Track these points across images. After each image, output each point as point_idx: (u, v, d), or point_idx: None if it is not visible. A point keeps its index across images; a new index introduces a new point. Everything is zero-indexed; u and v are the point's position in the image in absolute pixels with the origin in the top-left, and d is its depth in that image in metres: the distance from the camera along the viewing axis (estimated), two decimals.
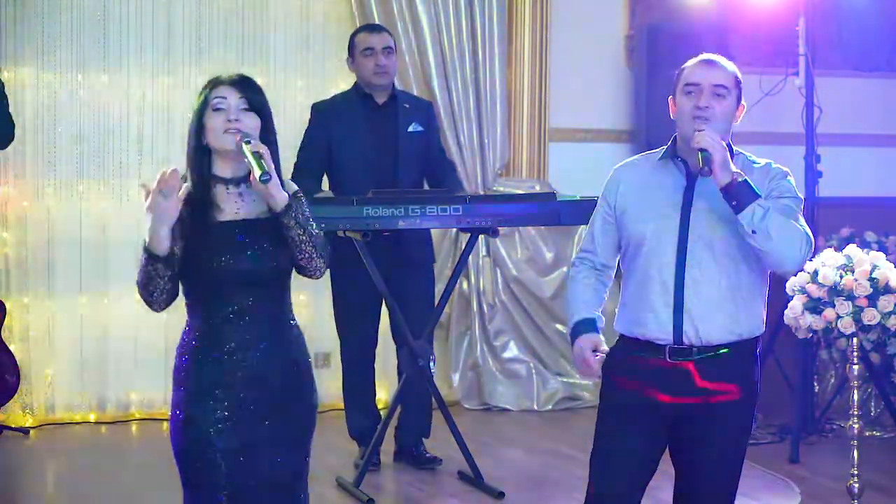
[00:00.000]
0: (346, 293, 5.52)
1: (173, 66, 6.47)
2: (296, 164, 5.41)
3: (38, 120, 6.29)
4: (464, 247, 5.44)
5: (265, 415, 3.14)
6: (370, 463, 5.30)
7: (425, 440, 5.66)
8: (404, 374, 5.33)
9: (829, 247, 5.03)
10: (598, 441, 3.47)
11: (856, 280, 4.47)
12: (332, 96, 5.81)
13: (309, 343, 3.30)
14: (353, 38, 5.60)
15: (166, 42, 6.46)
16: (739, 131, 3.56)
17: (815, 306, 4.54)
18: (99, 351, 6.45)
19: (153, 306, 3.12)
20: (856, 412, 4.62)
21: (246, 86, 3.17)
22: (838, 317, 4.47)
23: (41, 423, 6.31)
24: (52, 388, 6.38)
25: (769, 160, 3.45)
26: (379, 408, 5.77)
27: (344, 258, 4.90)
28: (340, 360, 5.73)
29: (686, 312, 3.32)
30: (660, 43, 6.80)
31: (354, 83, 5.60)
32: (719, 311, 3.33)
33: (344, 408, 5.68)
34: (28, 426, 6.23)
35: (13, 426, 6.17)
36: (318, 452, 3.36)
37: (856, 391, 4.62)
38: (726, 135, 3.37)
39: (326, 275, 5.54)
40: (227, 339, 3.13)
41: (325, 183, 5.56)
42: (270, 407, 3.15)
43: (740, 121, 3.45)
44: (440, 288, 5.62)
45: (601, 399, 3.50)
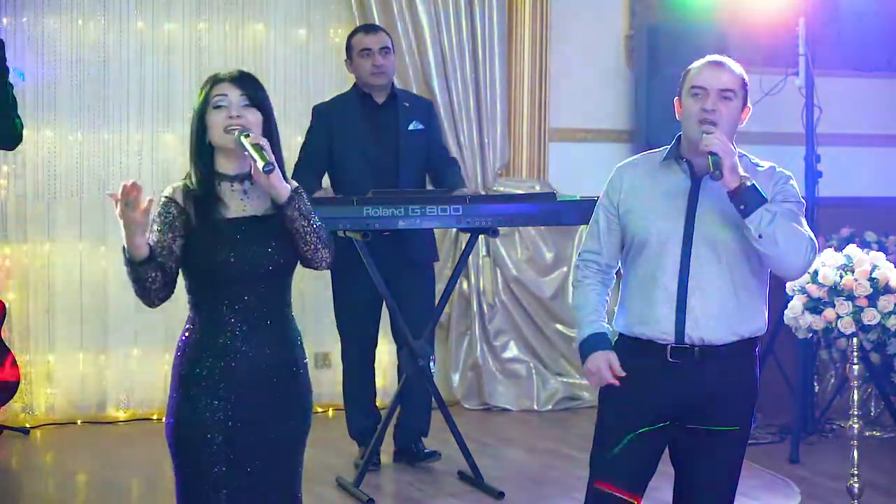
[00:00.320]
0: (347, 293, 5.53)
1: (173, 66, 6.47)
2: (297, 164, 5.42)
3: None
4: (464, 247, 5.44)
5: (262, 412, 3.14)
6: (370, 463, 5.30)
7: (424, 439, 5.66)
8: (404, 374, 5.33)
9: (829, 247, 5.04)
10: (597, 441, 3.47)
11: (856, 280, 4.47)
12: (332, 98, 5.81)
13: (309, 343, 3.30)
14: (350, 39, 5.61)
15: (166, 42, 6.46)
16: (739, 131, 3.55)
17: (815, 306, 4.54)
18: (99, 351, 6.45)
19: (148, 304, 3.13)
20: (856, 412, 4.62)
21: (246, 82, 3.16)
22: (838, 317, 4.48)
23: (41, 423, 6.31)
24: (53, 388, 6.38)
25: (773, 163, 3.44)
26: (379, 408, 5.78)
27: (344, 258, 4.90)
28: (340, 360, 5.73)
29: (689, 312, 3.32)
30: (660, 43, 6.80)
31: (354, 84, 5.61)
32: (722, 311, 3.33)
33: (344, 408, 5.69)
34: (28, 426, 6.24)
35: (13, 426, 6.17)
36: (318, 452, 3.36)
37: (856, 391, 4.63)
38: (731, 137, 3.37)
39: (327, 275, 5.60)
40: (228, 336, 3.13)
41: (326, 183, 5.57)
42: (268, 405, 3.15)
43: (745, 123, 3.44)
44: (440, 288, 5.62)
45: (601, 399, 3.50)
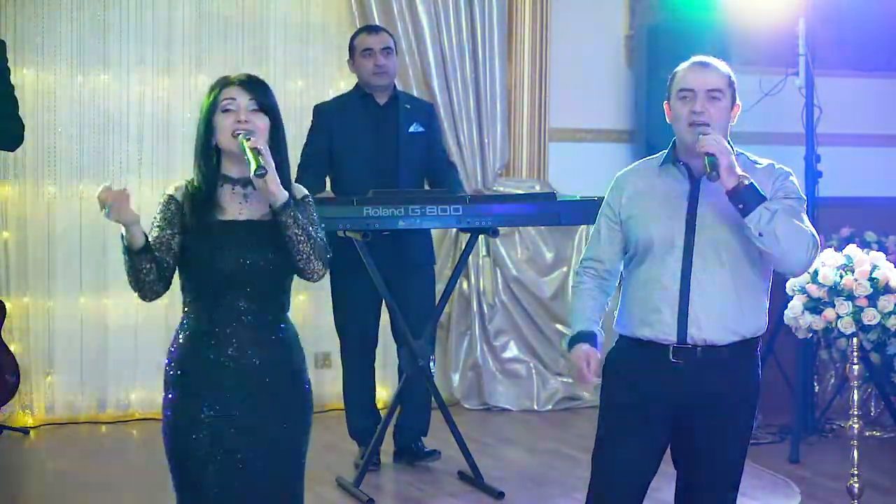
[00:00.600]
0: (347, 293, 5.52)
1: (173, 66, 6.47)
2: (299, 164, 5.42)
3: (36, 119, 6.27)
4: (464, 247, 5.44)
5: (257, 414, 3.12)
6: (370, 463, 5.30)
7: (423, 438, 5.66)
8: (404, 374, 5.33)
9: (829, 247, 5.03)
10: (599, 441, 3.47)
11: (856, 280, 4.47)
12: (333, 97, 5.82)
13: (309, 343, 3.29)
14: (352, 39, 5.62)
15: (166, 42, 6.46)
16: (739, 131, 3.56)
17: (815, 306, 4.54)
18: (99, 351, 6.45)
19: (142, 296, 3.14)
20: (856, 412, 4.61)
21: (255, 86, 3.16)
22: (838, 317, 4.47)
23: (41, 423, 6.31)
24: (52, 388, 6.38)
25: (772, 161, 3.45)
26: (379, 408, 5.78)
27: (344, 258, 4.90)
28: (340, 361, 5.73)
29: (691, 313, 3.32)
30: (660, 43, 6.79)
31: (356, 84, 5.62)
32: (724, 311, 3.33)
33: (344, 408, 5.68)
34: (28, 426, 6.23)
35: (13, 426, 6.17)
36: (318, 452, 3.35)
37: (856, 391, 4.62)
38: (724, 136, 3.37)
39: (327, 276, 5.60)
40: (221, 339, 3.12)
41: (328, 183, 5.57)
42: (263, 406, 3.13)
43: (736, 120, 3.45)
44: (440, 288, 5.62)
45: (602, 399, 3.50)
